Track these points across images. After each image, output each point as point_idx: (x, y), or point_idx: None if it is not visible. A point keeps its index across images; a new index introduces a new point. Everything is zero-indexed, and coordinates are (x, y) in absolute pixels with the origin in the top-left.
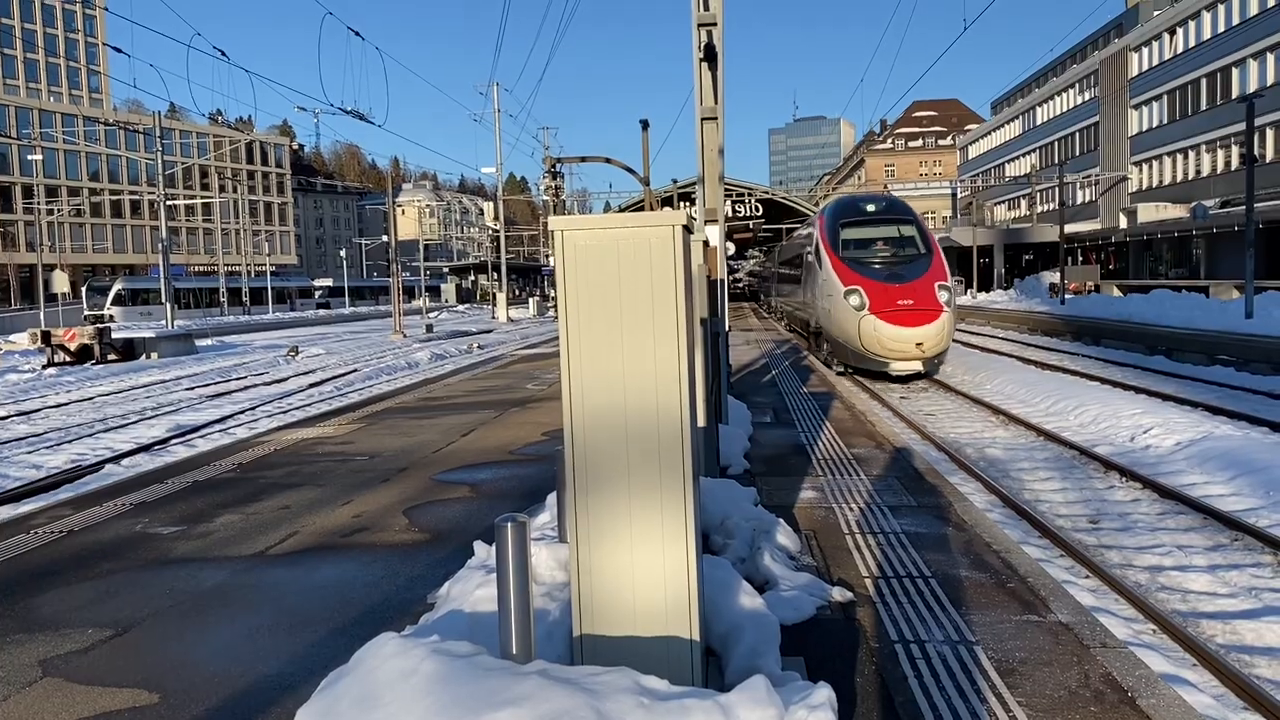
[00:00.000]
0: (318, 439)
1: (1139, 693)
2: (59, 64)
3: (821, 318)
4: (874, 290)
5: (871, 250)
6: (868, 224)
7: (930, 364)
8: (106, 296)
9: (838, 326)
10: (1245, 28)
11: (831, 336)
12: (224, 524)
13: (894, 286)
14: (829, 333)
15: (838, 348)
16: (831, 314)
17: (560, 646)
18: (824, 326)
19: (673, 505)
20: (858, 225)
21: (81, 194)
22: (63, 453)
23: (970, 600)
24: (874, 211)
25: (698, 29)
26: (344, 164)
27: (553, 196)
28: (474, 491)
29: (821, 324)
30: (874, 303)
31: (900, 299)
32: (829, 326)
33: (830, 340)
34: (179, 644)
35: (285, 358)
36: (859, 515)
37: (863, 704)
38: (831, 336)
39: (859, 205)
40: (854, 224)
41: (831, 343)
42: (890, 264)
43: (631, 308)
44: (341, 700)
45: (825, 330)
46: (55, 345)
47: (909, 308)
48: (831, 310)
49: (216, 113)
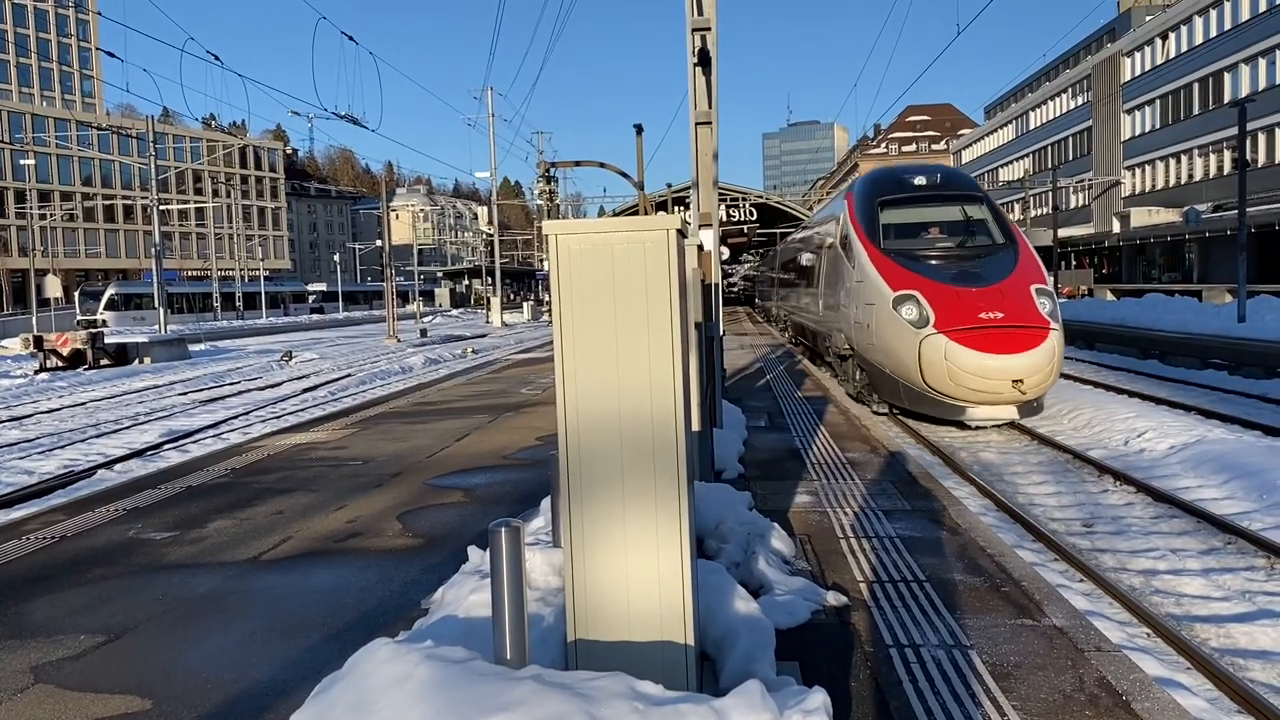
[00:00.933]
0: (311, 444)
1: (1133, 696)
2: (52, 68)
3: (854, 335)
4: (941, 298)
5: (926, 239)
6: (919, 203)
7: (1029, 409)
8: (99, 301)
9: (884, 349)
10: (1237, 33)
11: (872, 363)
12: (217, 529)
13: (971, 292)
14: (868, 357)
15: (880, 380)
16: (872, 330)
17: (555, 651)
18: (858, 347)
19: (667, 510)
20: (905, 205)
21: (74, 198)
22: (55, 458)
23: (965, 604)
24: (926, 186)
25: (692, 33)
26: (338, 168)
27: (547, 201)
28: (468, 496)
29: (855, 343)
30: (943, 316)
31: (983, 310)
32: (867, 348)
33: (870, 368)
34: (172, 650)
35: (279, 362)
36: (853, 519)
37: (858, 708)
38: (872, 363)
39: (904, 178)
40: (900, 203)
41: (871, 371)
42: (958, 259)
43: (626, 312)
44: (335, 706)
45: (861, 352)
46: (48, 350)
47: (998, 324)
48: (873, 325)
49: (210, 117)
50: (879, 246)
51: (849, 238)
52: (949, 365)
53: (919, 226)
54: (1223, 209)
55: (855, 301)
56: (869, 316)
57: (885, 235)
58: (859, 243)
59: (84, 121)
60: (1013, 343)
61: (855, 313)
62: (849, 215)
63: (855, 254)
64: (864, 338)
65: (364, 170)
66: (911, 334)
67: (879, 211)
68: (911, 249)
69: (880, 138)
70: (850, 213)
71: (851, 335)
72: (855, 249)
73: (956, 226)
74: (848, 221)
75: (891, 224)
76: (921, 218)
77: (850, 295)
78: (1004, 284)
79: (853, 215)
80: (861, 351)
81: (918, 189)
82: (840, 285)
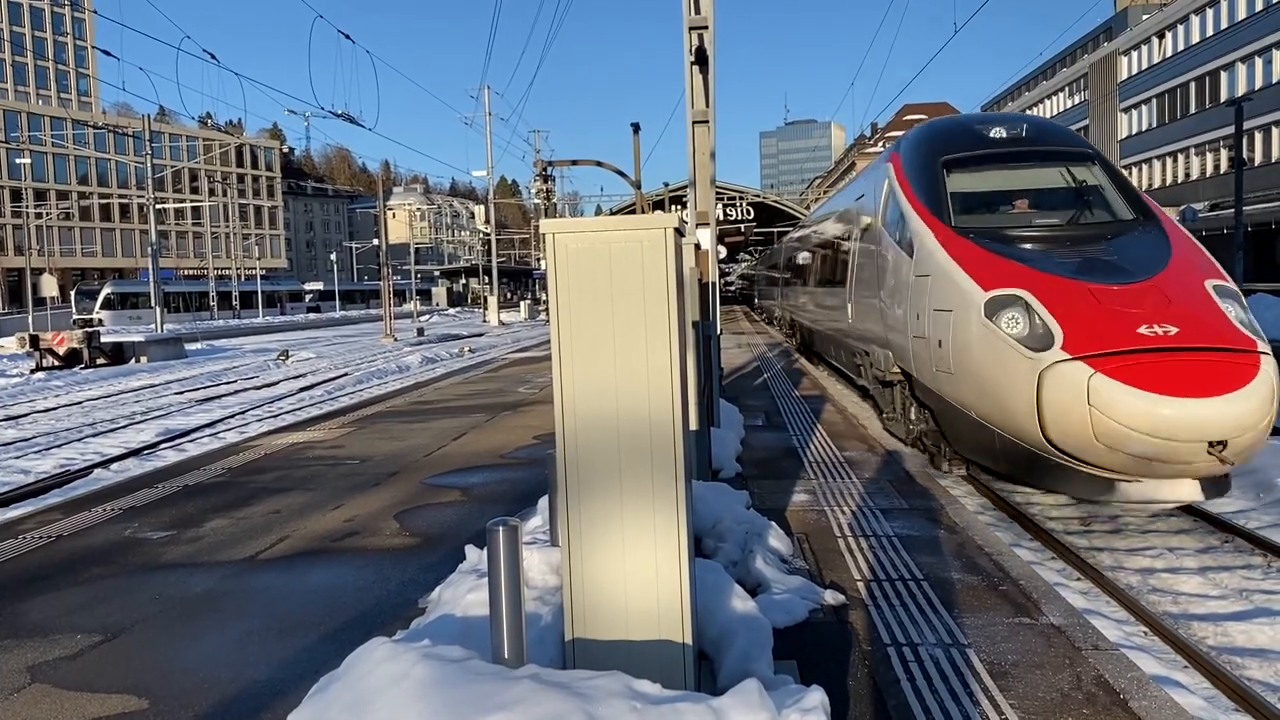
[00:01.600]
0: (308, 443)
1: (1131, 695)
2: (48, 67)
3: (912, 354)
4: (1070, 301)
5: (1017, 215)
6: (1002, 163)
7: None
8: (95, 300)
9: (967, 380)
10: (1234, 31)
11: (946, 399)
12: (214, 529)
13: (1113, 291)
14: (939, 389)
15: (958, 425)
16: (948, 350)
17: (552, 651)
18: (919, 372)
19: (665, 508)
20: (983, 166)
21: (70, 197)
22: (51, 457)
23: (962, 603)
24: (1010, 139)
25: (689, 32)
26: (334, 167)
27: (544, 200)
28: (465, 495)
29: (913, 366)
30: (1078, 332)
31: (1144, 322)
32: (935, 376)
33: (940, 405)
34: (168, 649)
35: (275, 362)
36: (851, 518)
37: (855, 707)
38: (946, 399)
39: (976, 129)
40: (975, 163)
41: (943, 411)
42: (1075, 242)
43: (623, 311)
44: (332, 705)
45: (924, 380)
46: (44, 349)
47: (1174, 345)
48: (949, 342)
49: (206, 116)
50: (949, 224)
51: (899, 214)
52: (1097, 415)
53: (1004, 197)
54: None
55: (913, 305)
56: (941, 328)
57: (956, 209)
58: (918, 220)
59: (80, 120)
60: (1209, 378)
61: (914, 322)
62: (897, 183)
63: (912, 236)
64: (930, 359)
65: (361, 169)
66: (1022, 360)
67: (944, 175)
68: (1001, 228)
69: (877, 136)
70: (899, 179)
71: (907, 354)
72: (912, 229)
73: (1061, 196)
74: (896, 192)
75: (965, 193)
76: (1008, 184)
77: (903, 296)
78: (1162, 279)
79: (904, 182)
80: (925, 379)
81: (999, 144)
82: (884, 282)
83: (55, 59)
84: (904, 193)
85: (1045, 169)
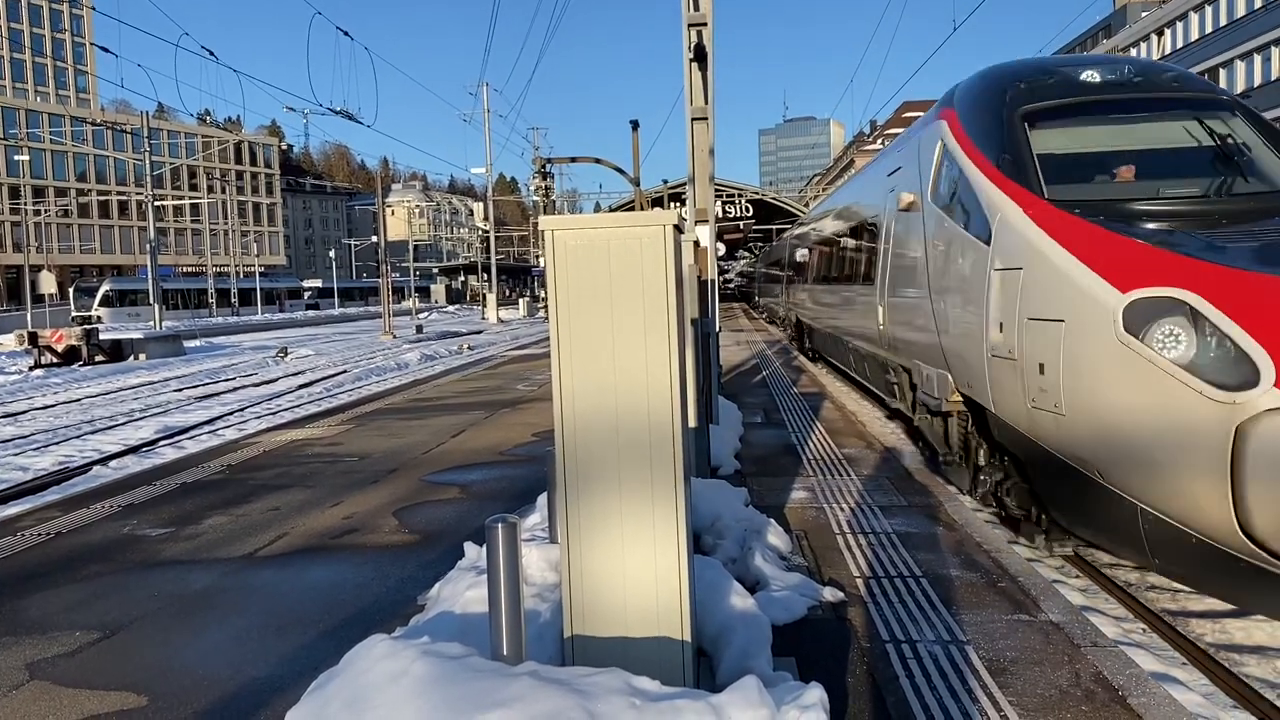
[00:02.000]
0: (307, 440)
1: (1129, 691)
2: (46, 63)
3: (992, 379)
4: (1274, 307)
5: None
6: (1107, 113)
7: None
8: (94, 297)
9: (1096, 428)
10: (1233, 29)
11: (1060, 451)
12: (213, 526)
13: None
14: (1044, 433)
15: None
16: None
17: (551, 648)
18: (1003, 407)
19: (664, 506)
20: (1081, 118)
21: (69, 194)
22: (50, 454)
23: (961, 600)
24: (1110, 84)
25: (688, 29)
26: (333, 164)
27: (543, 197)
28: (464, 493)
29: (991, 397)
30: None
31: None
32: (1032, 416)
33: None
34: (167, 646)
35: (274, 359)
36: (850, 515)
37: (854, 704)
38: (1060, 451)
39: (1062, 73)
40: (1068, 116)
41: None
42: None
43: (622, 308)
44: (332, 702)
45: (1010, 420)
46: (42, 346)
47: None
48: (1064, 366)
49: (205, 113)
50: (1043, 196)
51: (962, 185)
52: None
53: (1112, 160)
54: None
55: (992, 310)
56: (1043, 345)
57: (1050, 176)
58: (994, 192)
59: (78, 117)
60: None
61: (993, 333)
62: (956, 145)
63: (986, 213)
64: (1021, 389)
65: (359, 166)
66: (1201, 402)
67: (1027, 132)
68: (1120, 201)
69: (876, 134)
70: (959, 140)
71: (978, 377)
72: (986, 203)
73: (1194, 158)
74: (955, 157)
75: (1059, 154)
76: (1117, 142)
77: (973, 296)
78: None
79: (966, 143)
80: (1008, 415)
81: (1098, 89)
82: (937, 277)
83: (53, 55)
84: (968, 157)
85: (1167, 122)
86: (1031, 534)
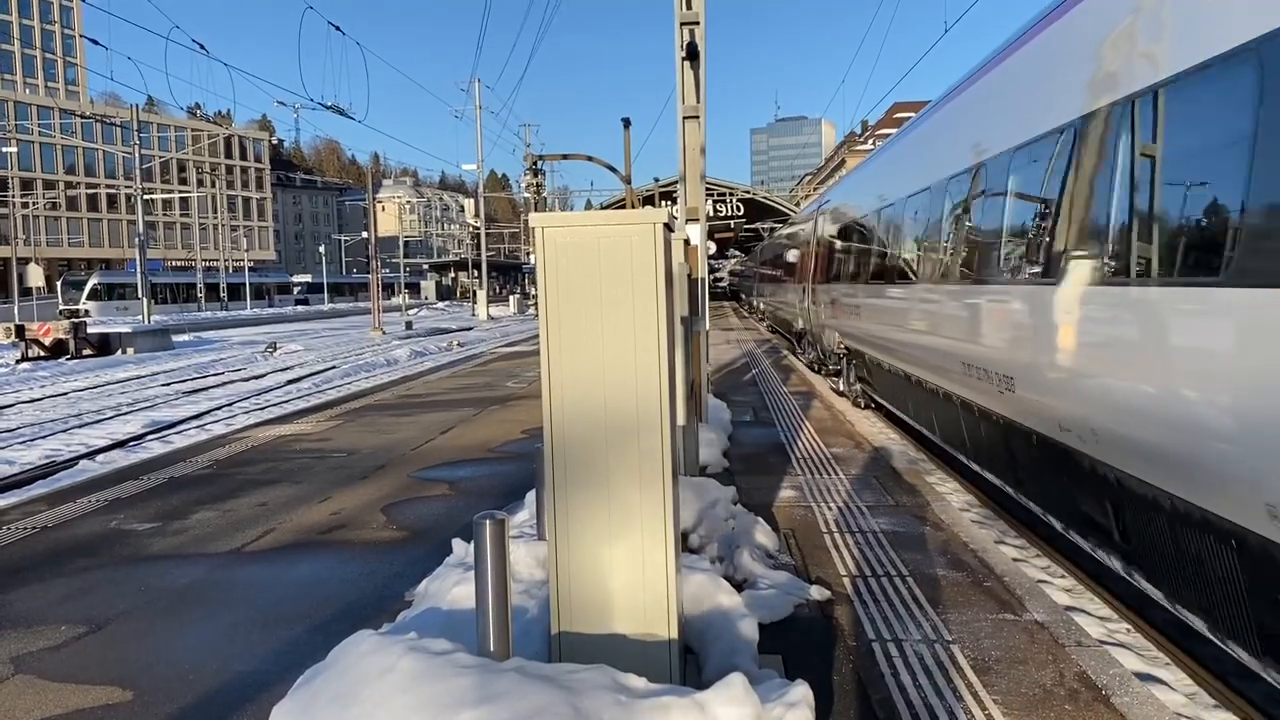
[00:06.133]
0: (295, 436)
1: (1113, 691)
2: (35, 55)
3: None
4: None
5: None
6: None
7: None
8: (82, 291)
9: None
10: None
11: None
12: (200, 521)
13: None
14: None
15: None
16: None
17: (538, 644)
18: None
19: (652, 503)
20: None
21: (57, 187)
22: (36, 448)
23: (947, 599)
24: None
25: (680, 28)
26: (324, 159)
27: (534, 194)
28: (453, 489)
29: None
30: None
31: None
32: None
33: None
34: (153, 641)
35: (263, 354)
36: (837, 514)
37: (840, 701)
38: None
39: None
40: None
41: None
42: None
43: (612, 305)
44: (318, 697)
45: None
46: (30, 340)
47: None
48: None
49: (195, 107)
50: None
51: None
52: None
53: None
54: None
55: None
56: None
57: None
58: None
59: (67, 109)
60: None
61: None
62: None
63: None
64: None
65: (350, 161)
66: None
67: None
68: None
69: (868, 134)
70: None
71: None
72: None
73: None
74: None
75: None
76: None
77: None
78: None
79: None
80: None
81: None
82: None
83: (43, 47)
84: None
85: None
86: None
